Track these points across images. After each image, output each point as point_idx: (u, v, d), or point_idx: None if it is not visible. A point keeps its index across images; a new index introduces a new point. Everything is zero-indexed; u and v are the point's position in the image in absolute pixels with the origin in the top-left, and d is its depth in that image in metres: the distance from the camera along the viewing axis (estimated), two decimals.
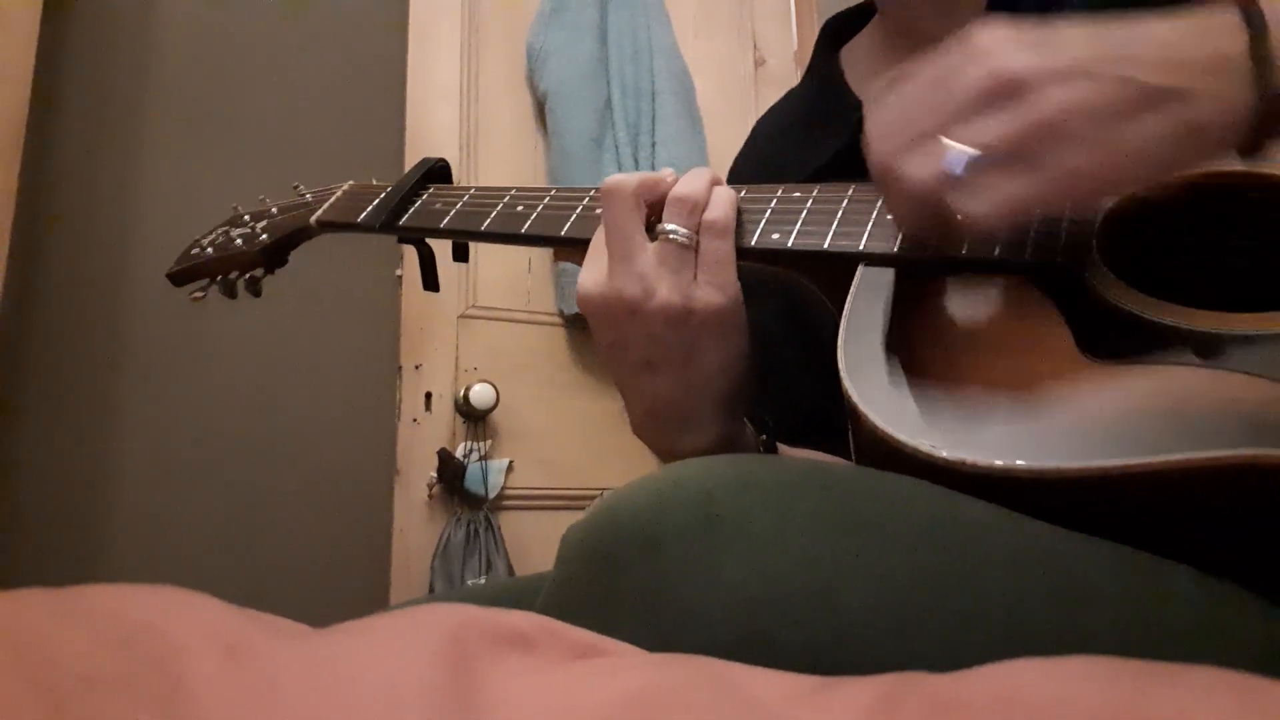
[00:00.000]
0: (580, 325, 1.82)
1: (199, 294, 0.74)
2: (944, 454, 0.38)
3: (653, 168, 1.84)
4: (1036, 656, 0.25)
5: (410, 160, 1.70)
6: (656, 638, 0.31)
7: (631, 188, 0.55)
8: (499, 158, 1.86)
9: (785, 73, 2.21)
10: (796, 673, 0.28)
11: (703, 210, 0.54)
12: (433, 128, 1.79)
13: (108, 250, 1.55)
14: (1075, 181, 0.40)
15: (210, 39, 1.68)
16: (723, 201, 0.55)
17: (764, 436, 0.62)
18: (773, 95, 2.18)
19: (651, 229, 0.55)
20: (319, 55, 1.75)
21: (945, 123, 0.42)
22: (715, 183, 0.57)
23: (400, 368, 1.70)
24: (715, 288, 0.53)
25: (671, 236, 0.53)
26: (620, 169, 1.82)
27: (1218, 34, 0.41)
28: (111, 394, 1.51)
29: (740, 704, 0.23)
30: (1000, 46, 0.42)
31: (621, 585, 0.33)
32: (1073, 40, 0.41)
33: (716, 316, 0.53)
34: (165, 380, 1.55)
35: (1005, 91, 0.40)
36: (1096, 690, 0.22)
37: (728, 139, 2.06)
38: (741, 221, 0.55)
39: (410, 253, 0.76)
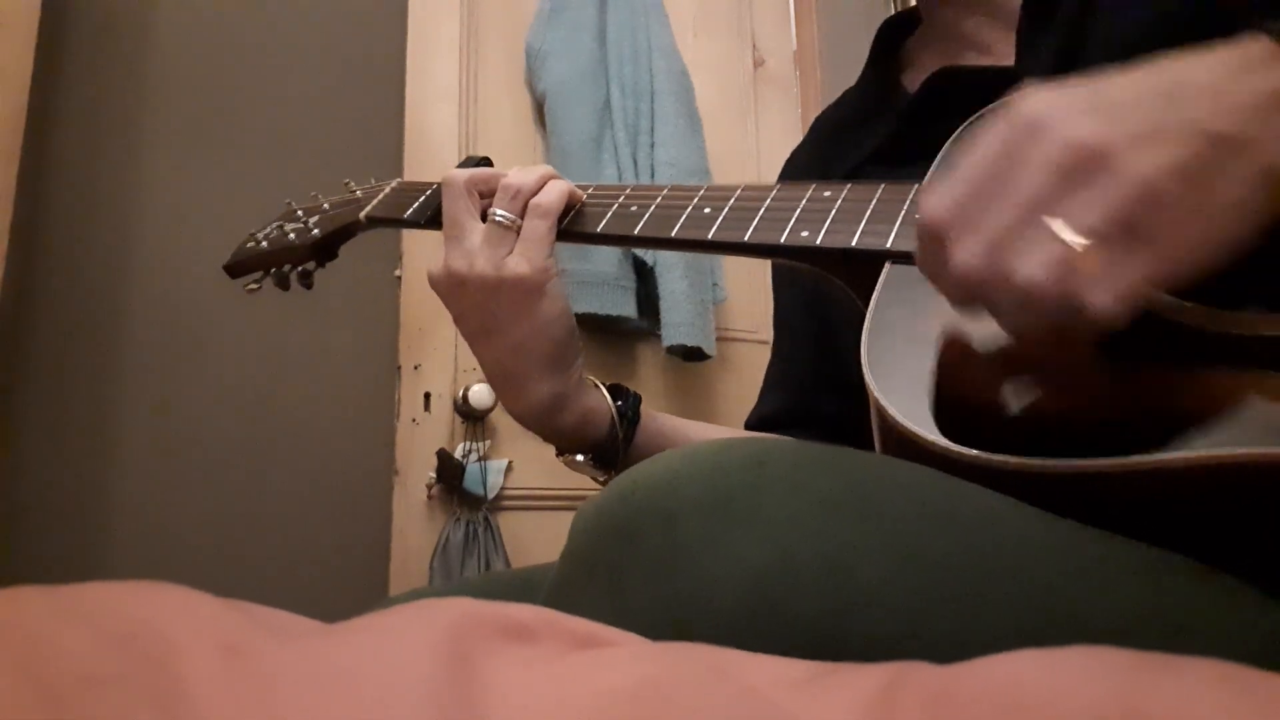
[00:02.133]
0: (581, 325, 1.81)
1: (254, 285, 0.78)
2: (967, 451, 0.38)
3: (651, 168, 1.84)
4: (1039, 643, 0.26)
5: (409, 160, 1.70)
6: (668, 608, 0.32)
7: (463, 180, 0.64)
8: (498, 158, 1.83)
9: (784, 73, 2.21)
10: (803, 649, 0.28)
11: (528, 196, 0.63)
12: (432, 128, 1.79)
13: (108, 250, 1.55)
14: (1192, 248, 0.35)
15: (209, 39, 1.68)
16: (554, 190, 0.64)
17: (619, 403, 0.68)
18: (772, 95, 2.20)
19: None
20: (319, 55, 1.75)
21: (1032, 209, 0.36)
22: (551, 177, 0.65)
23: (399, 368, 1.70)
24: (525, 260, 0.61)
25: (496, 219, 0.62)
26: (619, 169, 1.81)
27: (1257, 68, 0.37)
28: (111, 394, 1.51)
29: (740, 693, 0.23)
30: (1058, 114, 0.37)
31: (635, 555, 0.33)
32: (1123, 96, 0.37)
33: (523, 285, 0.61)
34: (165, 380, 1.55)
35: (1088, 164, 0.35)
36: (1095, 682, 0.22)
37: (727, 139, 2.06)
38: (772, 218, 0.57)
39: (410, 253, 0.76)
